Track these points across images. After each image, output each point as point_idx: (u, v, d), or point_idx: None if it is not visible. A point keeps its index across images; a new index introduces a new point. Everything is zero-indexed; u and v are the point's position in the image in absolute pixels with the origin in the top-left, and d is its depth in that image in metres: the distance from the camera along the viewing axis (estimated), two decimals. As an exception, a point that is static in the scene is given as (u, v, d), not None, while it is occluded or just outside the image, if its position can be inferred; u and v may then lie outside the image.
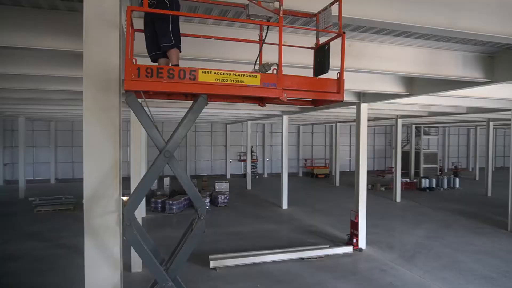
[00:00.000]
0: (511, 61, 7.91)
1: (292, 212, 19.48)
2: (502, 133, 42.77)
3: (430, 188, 27.56)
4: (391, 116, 22.71)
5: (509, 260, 12.11)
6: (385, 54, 7.51)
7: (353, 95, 13.13)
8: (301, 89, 3.87)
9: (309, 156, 38.60)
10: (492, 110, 17.25)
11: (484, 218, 18.17)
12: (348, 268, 11.37)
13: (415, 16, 4.59)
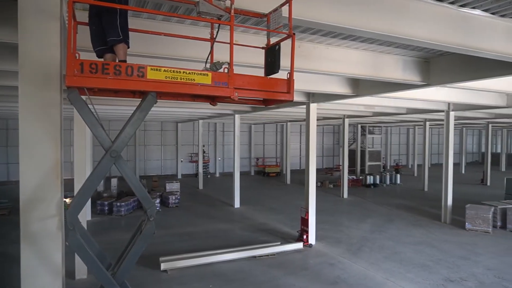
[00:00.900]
0: (444, 66, 8.59)
1: (244, 211, 19.58)
2: (436, 133, 46.38)
3: (375, 184, 29.13)
4: (338, 116, 23.66)
5: (442, 249, 13.16)
6: (333, 56, 7.80)
7: (303, 95, 13.49)
8: (252, 89, 3.90)
9: (260, 155, 39.04)
10: (428, 111, 18.62)
11: (421, 211, 19.57)
12: (298, 264, 11.67)
13: (361, 20, 4.82)
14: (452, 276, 10.64)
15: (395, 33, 5.05)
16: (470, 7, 5.42)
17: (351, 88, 11.08)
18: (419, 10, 5.16)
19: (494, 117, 21.55)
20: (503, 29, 5.93)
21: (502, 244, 13.81)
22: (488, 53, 5.92)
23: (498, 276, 10.72)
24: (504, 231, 15.75)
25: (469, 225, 15.77)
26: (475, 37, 5.67)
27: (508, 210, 16.04)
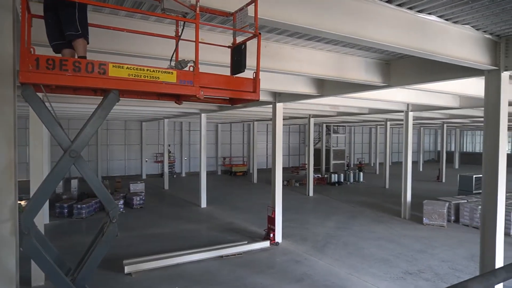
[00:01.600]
0: (403, 69, 8.96)
1: (211, 210, 19.45)
2: (397, 132, 48.33)
3: (339, 182, 29.91)
4: (304, 115, 24.06)
5: (402, 243, 13.75)
6: (299, 56, 7.90)
7: (269, 94, 13.59)
8: (218, 88, 3.87)
9: (227, 154, 38.92)
10: (389, 111, 19.37)
11: (383, 207, 20.34)
12: (265, 262, 11.75)
13: (326, 22, 4.92)
14: (410, 269, 11.14)
15: (358, 35, 5.20)
16: (426, 13, 5.69)
17: (316, 88, 11.30)
18: (380, 14, 5.35)
19: (449, 117, 22.80)
20: (456, 35, 6.28)
21: (456, 237, 14.65)
22: (443, 57, 6.24)
23: (452, 267, 11.36)
24: (457, 225, 16.71)
25: (426, 220, 16.59)
26: (431, 42, 5.96)
27: (460, 205, 17.03)
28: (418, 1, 5.26)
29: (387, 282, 10.18)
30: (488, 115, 7.33)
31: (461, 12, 5.67)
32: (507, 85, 7.18)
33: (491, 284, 1.21)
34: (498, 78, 7.05)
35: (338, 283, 10.08)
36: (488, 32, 6.63)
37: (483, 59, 6.76)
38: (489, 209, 7.34)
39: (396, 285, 9.96)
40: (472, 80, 10.34)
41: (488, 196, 7.35)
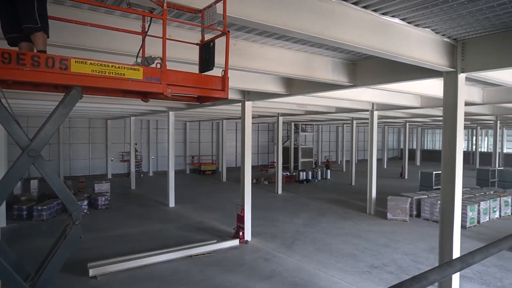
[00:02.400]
0: (368, 69, 9.24)
1: (180, 210, 19.18)
2: (362, 130, 49.82)
3: (307, 180, 30.40)
4: (273, 114, 24.24)
5: (367, 238, 14.20)
6: (267, 55, 7.95)
7: (238, 93, 13.57)
8: (186, 85, 3.82)
9: (196, 152, 38.52)
10: (355, 110, 19.90)
11: (349, 204, 20.90)
12: (235, 260, 11.75)
13: (294, 22, 4.98)
14: (375, 263, 11.53)
15: (325, 35, 5.31)
16: (390, 15, 5.89)
17: (285, 87, 11.41)
18: (347, 15, 5.48)
19: (411, 116, 23.78)
20: (417, 37, 6.56)
21: (417, 231, 15.32)
22: (405, 58, 6.50)
23: (414, 260, 11.87)
24: (419, 219, 17.48)
25: (390, 215, 17.22)
26: (395, 43, 6.19)
27: (422, 200, 17.83)
28: (382, 4, 5.43)
29: (353, 276, 10.48)
30: (446, 115, 7.71)
31: (422, 16, 5.93)
32: (463, 86, 7.59)
33: (448, 274, 1.28)
34: (455, 80, 7.43)
35: (306, 279, 10.26)
36: (446, 35, 6.97)
37: (442, 61, 7.10)
38: (447, 204, 7.73)
39: (362, 279, 10.27)
40: (432, 81, 10.85)
41: (447, 191, 7.74)
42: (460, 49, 7.24)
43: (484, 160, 38.00)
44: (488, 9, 5.58)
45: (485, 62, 7.02)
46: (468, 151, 47.77)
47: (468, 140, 51.52)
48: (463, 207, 15.06)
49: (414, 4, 5.40)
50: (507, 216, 18.17)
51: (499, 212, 17.91)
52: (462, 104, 7.62)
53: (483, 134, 50.35)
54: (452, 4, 5.39)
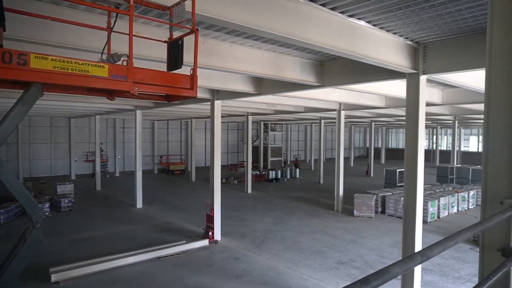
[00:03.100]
0: (335, 69, 9.45)
1: (148, 210, 18.78)
2: (330, 130, 50.91)
3: (276, 179, 30.67)
4: (242, 113, 24.24)
5: (335, 235, 14.54)
6: (237, 54, 7.94)
7: (207, 92, 13.47)
8: (154, 84, 3.74)
9: (164, 152, 37.84)
10: (323, 110, 20.29)
11: (318, 202, 21.30)
12: (204, 261, 11.66)
13: (263, 21, 5.00)
14: (343, 259, 11.83)
15: (294, 36, 5.37)
16: (356, 17, 6.05)
17: (254, 86, 11.45)
18: (315, 16, 5.57)
19: (376, 116, 24.57)
20: (382, 40, 6.78)
21: (382, 227, 15.86)
22: (371, 60, 6.71)
23: (379, 255, 12.29)
24: (384, 215, 18.10)
25: (357, 212, 17.72)
26: (361, 45, 6.37)
27: (386, 197, 18.47)
28: (349, 6, 5.57)
29: (321, 273, 10.69)
30: (409, 114, 8.03)
31: (386, 19, 6.14)
32: (424, 87, 7.94)
33: (409, 268, 1.33)
34: (417, 81, 7.77)
35: (276, 277, 10.35)
36: (409, 38, 7.26)
37: (405, 63, 7.39)
38: (410, 200, 8.06)
39: (330, 275, 10.50)
40: (395, 82, 11.27)
41: (409, 188, 8.07)
42: (422, 52, 7.57)
43: (444, 158, 39.91)
44: (446, 15, 5.87)
45: (444, 64, 7.38)
46: (429, 149, 50.01)
47: (429, 139, 53.96)
48: (425, 203, 15.77)
49: (379, 7, 5.58)
50: (464, 211, 19.21)
51: (457, 207, 18.90)
52: (424, 105, 7.97)
53: (442, 133, 52.93)
54: (414, 9, 5.62)
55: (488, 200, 2.45)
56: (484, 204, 2.50)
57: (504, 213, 2.08)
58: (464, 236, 1.71)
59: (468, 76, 9.35)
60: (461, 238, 1.68)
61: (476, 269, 10.06)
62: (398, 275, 1.33)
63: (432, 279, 10.29)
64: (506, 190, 2.37)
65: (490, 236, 2.41)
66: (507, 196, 2.35)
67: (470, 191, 20.12)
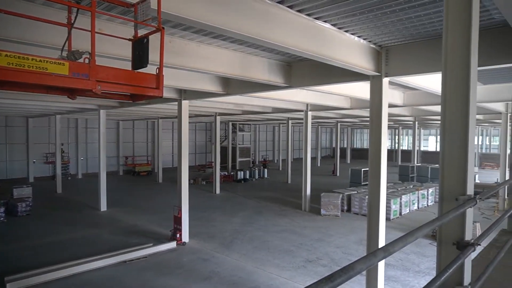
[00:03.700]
0: (302, 71, 9.60)
1: (113, 213, 18.20)
2: (297, 130, 51.65)
3: (245, 179, 30.72)
4: (210, 113, 24.07)
5: (303, 234, 14.77)
6: (204, 53, 7.87)
7: (174, 91, 13.26)
8: (118, 82, 3.61)
9: (130, 153, 36.86)
10: (290, 110, 20.56)
11: (286, 202, 21.54)
12: (172, 263, 11.47)
13: (231, 21, 4.99)
14: (310, 257, 12.04)
15: (262, 37, 5.40)
16: (322, 20, 6.18)
17: (222, 86, 11.40)
18: (282, 18, 5.63)
19: (342, 117, 25.19)
20: (347, 43, 6.97)
21: (348, 225, 16.30)
22: (337, 62, 6.87)
23: (345, 252, 12.62)
24: (349, 214, 18.61)
25: (324, 211, 18.09)
26: (327, 47, 6.51)
27: (352, 196, 19.00)
28: (315, 9, 5.68)
29: (290, 271, 10.82)
30: (372, 115, 8.31)
31: (351, 23, 6.31)
32: (387, 89, 8.24)
33: (372, 263, 1.38)
34: (380, 83, 8.05)
35: (245, 277, 10.36)
36: (372, 42, 7.50)
37: (369, 66, 7.63)
38: (374, 198, 8.33)
39: (298, 274, 10.65)
40: (360, 84, 11.60)
41: (373, 187, 8.34)
42: (384, 55, 7.85)
43: (405, 157, 41.61)
44: (407, 20, 6.13)
45: (405, 67, 7.70)
46: (391, 149, 51.93)
47: (391, 139, 56.05)
48: (387, 201, 16.32)
49: (344, 11, 5.73)
50: (424, 208, 20.13)
51: (417, 204, 19.77)
52: (386, 106, 8.27)
53: (404, 133, 55.17)
54: (376, 14, 5.82)
55: (444, 197, 2.59)
56: (441, 201, 2.63)
57: (458, 209, 2.20)
58: (423, 231, 1.79)
59: (427, 79, 9.83)
60: (420, 234, 1.76)
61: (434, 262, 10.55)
62: (362, 271, 1.37)
63: (395, 274, 10.70)
64: (460, 188, 2.51)
65: (446, 231, 2.55)
66: (461, 193, 2.49)
67: (429, 188, 21.12)
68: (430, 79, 10.00)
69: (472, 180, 2.60)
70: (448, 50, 2.61)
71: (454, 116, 2.58)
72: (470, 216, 2.55)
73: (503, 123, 20.20)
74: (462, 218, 2.46)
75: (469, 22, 2.52)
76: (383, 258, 1.48)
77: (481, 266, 2.92)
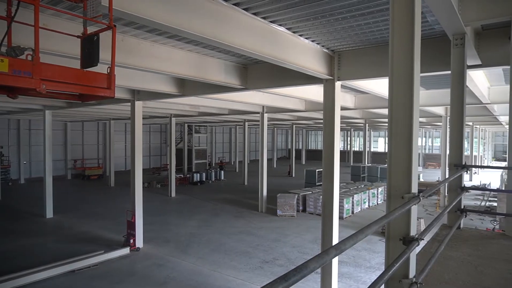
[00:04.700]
0: (258, 73, 9.69)
1: (60, 220, 17.16)
2: (254, 132, 52.03)
3: (201, 181, 30.36)
4: (165, 114, 23.54)
5: (259, 235, 14.88)
6: (158, 53, 7.68)
7: (128, 92, 12.82)
8: (65, 82, 3.42)
9: (79, 156, 35.02)
10: (246, 112, 20.66)
11: (243, 203, 21.59)
12: (125, 270, 11.04)
13: (185, 22, 4.91)
14: (267, 258, 12.15)
15: (218, 38, 5.37)
16: (277, 24, 6.29)
17: (177, 87, 11.20)
18: (238, 20, 5.65)
19: (297, 119, 25.77)
20: (302, 47, 7.14)
21: (303, 225, 16.67)
22: (291, 65, 7.01)
23: (301, 251, 12.89)
24: (305, 213, 19.04)
25: (280, 211, 18.36)
26: (281, 50, 6.63)
27: (307, 196, 19.47)
28: (270, 12, 5.76)
29: (247, 273, 10.85)
30: (326, 117, 8.58)
31: (305, 27, 6.48)
32: (339, 93, 8.55)
33: (325, 261, 1.42)
34: (333, 86, 8.33)
35: (201, 281, 10.23)
36: (325, 46, 7.76)
37: (322, 70, 7.88)
38: (327, 198, 8.60)
39: (255, 275, 10.71)
40: (314, 87, 11.95)
41: (327, 187, 8.61)
42: (337, 60, 8.15)
43: (357, 158, 43.40)
44: (357, 27, 6.41)
45: (356, 72, 8.04)
46: (344, 150, 53.94)
47: (344, 140, 58.21)
48: (340, 200, 16.96)
49: (298, 15, 5.87)
50: (374, 206, 21.12)
51: (368, 203, 20.69)
52: (339, 108, 8.58)
53: (355, 135, 57.57)
54: (329, 20, 6.02)
55: (392, 195, 2.73)
56: (388, 199, 2.77)
57: (404, 207, 2.34)
58: (372, 229, 1.88)
59: (376, 83, 10.34)
60: (370, 231, 1.84)
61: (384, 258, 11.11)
62: (316, 269, 1.40)
63: (348, 271, 11.11)
64: (406, 186, 2.67)
65: (394, 227, 2.69)
66: (407, 191, 2.65)
67: (379, 187, 22.20)
68: (379, 83, 10.55)
69: (416, 179, 2.77)
70: (394, 57, 2.77)
71: (400, 119, 2.74)
72: (415, 213, 2.71)
73: (443, 126, 21.75)
74: (407, 215, 2.61)
75: (412, 32, 2.69)
76: (336, 255, 1.54)
77: (424, 259, 3.12)
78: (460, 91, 5.08)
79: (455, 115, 5.15)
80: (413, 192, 2.67)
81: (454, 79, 5.14)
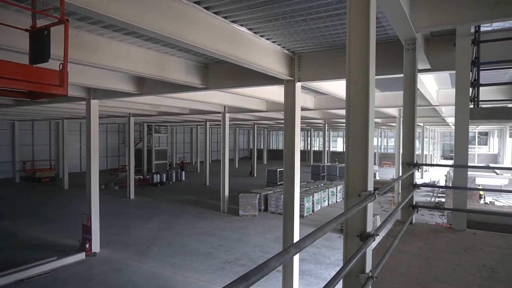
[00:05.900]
0: (219, 73, 9.64)
1: (6, 226, 16.05)
2: (215, 132, 51.71)
3: (161, 182, 29.69)
4: (124, 114, 22.78)
5: (221, 235, 14.82)
6: (115, 50, 7.40)
7: (82, 90, 12.26)
8: (12, 78, 3.21)
9: (29, 157, 32.96)
10: (208, 112, 20.48)
11: (204, 204, 21.38)
12: (81, 276, 10.55)
13: (144, 19, 4.77)
14: (229, 258, 12.13)
15: (177, 36, 5.27)
16: (238, 24, 6.29)
17: (135, 86, 10.87)
18: (198, 19, 5.58)
19: (258, 119, 25.93)
20: (263, 47, 7.20)
21: (265, 224, 16.81)
22: (252, 65, 7.05)
23: (263, 250, 12.99)
24: (266, 213, 19.21)
25: (242, 211, 18.39)
26: (242, 50, 6.64)
27: (268, 195, 19.65)
28: (231, 12, 5.75)
29: (209, 274, 10.76)
30: (286, 118, 8.71)
31: (266, 28, 6.53)
32: (300, 93, 8.71)
33: (285, 260, 1.44)
34: (293, 87, 8.48)
35: (162, 284, 10.01)
36: (286, 48, 7.87)
37: (283, 70, 7.98)
38: (288, 197, 8.74)
39: (217, 276, 10.64)
40: (275, 88, 12.09)
41: (288, 186, 8.74)
42: (297, 61, 8.29)
43: (317, 157, 44.46)
44: (317, 30, 6.56)
45: (315, 73, 8.23)
46: (304, 150, 55.05)
47: (304, 140, 59.43)
48: (301, 199, 17.31)
49: (259, 16, 5.90)
50: (334, 204, 21.75)
51: (327, 201, 21.27)
52: (299, 109, 8.74)
53: (315, 135, 58.96)
54: (290, 21, 6.12)
55: (349, 193, 2.83)
56: (346, 196, 2.86)
57: (361, 204, 2.43)
58: (330, 226, 1.93)
59: (335, 85, 10.65)
60: (328, 228, 1.89)
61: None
62: (276, 268, 1.42)
63: (309, 268, 11.35)
64: (362, 184, 2.77)
65: (351, 224, 2.78)
66: (363, 189, 2.75)
67: (338, 186, 22.89)
68: (338, 85, 10.87)
69: (372, 177, 2.88)
70: (351, 59, 2.86)
71: (357, 119, 2.85)
72: (371, 209, 2.83)
73: (397, 126, 22.84)
74: (364, 212, 2.71)
75: (368, 35, 2.80)
76: (296, 253, 1.56)
77: (380, 254, 3.25)
78: (412, 93, 5.36)
79: (407, 116, 5.42)
80: (369, 190, 2.78)
81: (406, 82, 5.41)
